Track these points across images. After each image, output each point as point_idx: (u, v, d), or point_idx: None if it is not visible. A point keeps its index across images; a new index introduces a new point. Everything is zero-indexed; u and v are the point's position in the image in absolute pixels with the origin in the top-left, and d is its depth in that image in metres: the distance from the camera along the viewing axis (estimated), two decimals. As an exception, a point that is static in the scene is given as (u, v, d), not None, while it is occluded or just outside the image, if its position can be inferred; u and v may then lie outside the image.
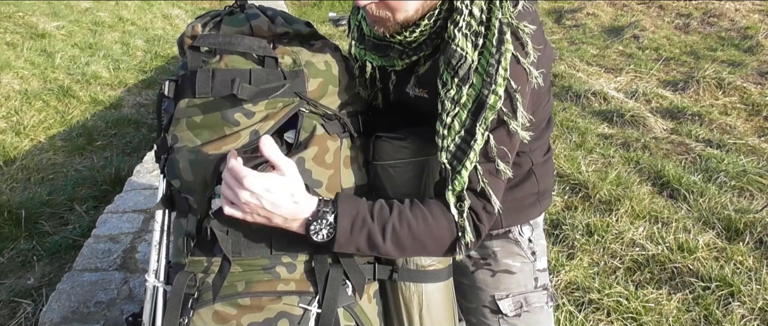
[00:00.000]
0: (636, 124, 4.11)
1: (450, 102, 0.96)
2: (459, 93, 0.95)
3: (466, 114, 0.95)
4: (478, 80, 0.94)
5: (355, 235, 0.94)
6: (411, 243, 0.97)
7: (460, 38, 0.94)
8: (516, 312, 1.23)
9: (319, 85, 1.04)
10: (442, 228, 0.97)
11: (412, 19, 0.97)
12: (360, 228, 0.94)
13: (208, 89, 0.99)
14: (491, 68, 0.93)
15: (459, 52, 0.94)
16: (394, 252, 0.98)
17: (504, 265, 1.24)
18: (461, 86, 0.95)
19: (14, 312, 2.38)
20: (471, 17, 0.94)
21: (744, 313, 2.17)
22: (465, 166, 0.95)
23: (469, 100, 0.95)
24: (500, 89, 0.93)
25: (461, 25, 0.94)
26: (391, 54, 1.05)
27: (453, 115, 0.96)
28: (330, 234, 0.93)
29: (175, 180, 1.02)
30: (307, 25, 1.11)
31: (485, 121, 0.94)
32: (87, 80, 5.46)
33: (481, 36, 0.94)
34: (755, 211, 2.78)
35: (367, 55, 1.10)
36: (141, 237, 2.75)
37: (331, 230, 0.93)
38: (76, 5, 7.79)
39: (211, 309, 0.95)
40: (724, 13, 6.83)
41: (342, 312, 0.98)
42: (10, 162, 3.79)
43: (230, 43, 1.02)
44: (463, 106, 0.95)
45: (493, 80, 0.93)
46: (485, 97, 0.93)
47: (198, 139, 1.01)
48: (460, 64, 0.94)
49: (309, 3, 11.71)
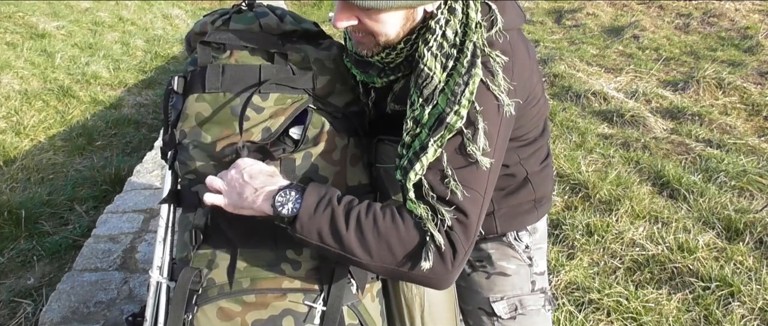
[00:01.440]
0: (636, 124, 4.11)
1: (412, 121, 0.95)
2: (421, 113, 0.93)
3: (426, 133, 0.93)
4: (443, 100, 0.92)
5: (318, 215, 0.90)
6: (375, 238, 0.89)
7: (428, 58, 0.93)
8: (510, 315, 1.22)
9: (327, 82, 1.05)
10: (410, 231, 0.90)
11: (393, 41, 0.97)
12: (324, 209, 0.90)
13: (218, 84, 1.00)
14: (457, 88, 0.91)
15: (426, 71, 0.93)
16: (358, 246, 0.89)
17: (499, 268, 1.23)
18: (424, 106, 0.93)
19: (14, 312, 2.38)
20: (443, 39, 0.94)
21: (744, 313, 2.17)
22: (409, 178, 0.91)
23: (431, 119, 0.93)
24: (463, 110, 0.90)
25: (432, 45, 0.94)
26: (370, 71, 1.05)
27: (414, 135, 0.94)
28: (293, 210, 0.90)
29: (190, 174, 1.03)
30: (314, 25, 1.12)
31: (441, 139, 0.91)
32: (87, 80, 5.46)
33: (452, 58, 0.93)
34: (755, 211, 2.78)
35: (353, 69, 1.10)
36: (141, 237, 2.75)
37: (295, 206, 0.90)
38: (76, 5, 7.79)
39: (215, 306, 0.96)
40: (724, 13, 6.83)
41: (346, 310, 0.98)
42: (10, 162, 3.79)
43: (241, 39, 1.02)
44: (424, 125, 0.93)
45: (457, 100, 0.91)
46: (446, 115, 0.91)
47: (209, 135, 1.01)
48: (425, 84, 0.93)
49: (309, 3, 11.71)
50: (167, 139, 1.06)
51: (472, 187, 0.92)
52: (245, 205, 0.93)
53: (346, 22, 0.94)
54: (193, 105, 1.02)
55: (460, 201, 0.91)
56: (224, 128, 1.00)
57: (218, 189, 0.95)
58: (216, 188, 0.96)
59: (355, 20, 0.93)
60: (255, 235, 0.99)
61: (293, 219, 0.90)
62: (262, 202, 0.91)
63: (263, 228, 0.99)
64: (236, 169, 0.94)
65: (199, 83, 1.01)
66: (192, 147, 1.02)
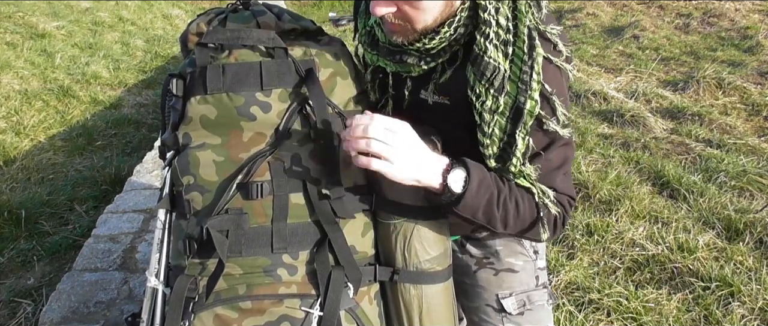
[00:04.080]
0: (636, 124, 4.11)
1: (488, 112, 0.98)
2: (496, 102, 0.97)
3: (505, 121, 0.98)
4: (513, 88, 0.96)
5: (479, 197, 0.97)
6: (514, 218, 1.01)
7: (491, 50, 0.95)
8: (519, 311, 1.23)
9: (329, 75, 1.04)
10: (536, 210, 1.02)
11: (431, 27, 0.96)
12: (485, 191, 0.97)
13: (220, 85, 0.98)
14: (525, 75, 0.95)
15: (493, 63, 0.95)
16: (501, 224, 1.01)
17: (507, 264, 1.24)
18: (497, 96, 0.96)
19: (14, 312, 2.38)
20: (498, 27, 0.95)
21: (744, 313, 2.17)
22: (509, 170, 1.00)
23: (507, 108, 0.97)
24: (536, 94, 0.95)
25: (491, 36, 0.94)
26: (407, 60, 1.04)
27: (493, 124, 0.98)
28: (462, 189, 0.95)
29: (188, 176, 1.00)
30: (312, 23, 1.11)
31: (524, 126, 0.97)
32: (87, 80, 5.46)
33: (509, 44, 0.96)
34: (755, 211, 2.77)
35: (381, 61, 1.08)
36: (141, 237, 2.75)
37: (464, 185, 0.96)
38: (76, 5, 7.79)
39: (212, 313, 0.95)
40: (724, 13, 6.82)
41: (344, 314, 0.97)
42: (10, 162, 3.79)
43: (239, 37, 1.01)
44: (501, 114, 0.98)
45: (528, 86, 0.95)
46: (522, 103, 0.96)
47: (218, 137, 1.00)
48: (494, 75, 0.96)
49: (309, 3, 11.71)
50: (170, 141, 1.04)
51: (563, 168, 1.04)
52: (411, 175, 0.93)
53: (385, 9, 0.94)
54: (195, 107, 1.00)
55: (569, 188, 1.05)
56: (230, 129, 0.99)
57: (376, 152, 0.89)
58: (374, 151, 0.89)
59: (393, 7, 0.94)
60: (251, 237, 0.97)
61: (460, 196, 0.95)
62: (433, 175, 0.95)
63: (259, 230, 0.97)
64: (393, 133, 0.90)
65: (200, 84, 0.99)
66: (197, 150, 1.00)
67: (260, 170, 0.98)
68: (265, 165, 0.99)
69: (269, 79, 0.99)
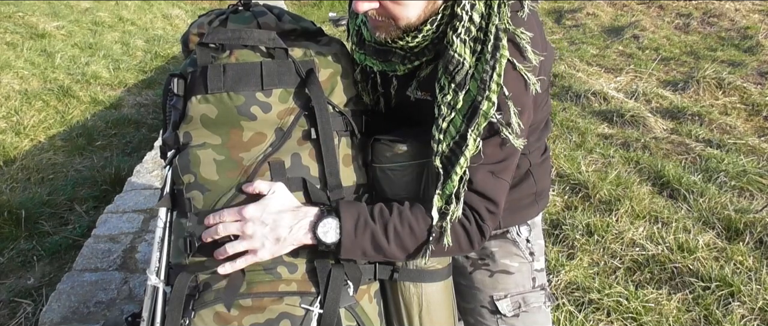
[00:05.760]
0: (636, 124, 4.11)
1: (446, 107, 0.96)
2: (455, 98, 0.95)
3: (461, 119, 0.96)
4: (474, 86, 0.94)
5: (359, 237, 0.95)
6: (414, 243, 0.98)
7: (458, 44, 0.94)
8: (514, 312, 1.23)
9: (329, 75, 1.05)
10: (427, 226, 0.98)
11: (414, 24, 0.96)
12: (363, 230, 0.95)
13: (220, 84, 0.99)
14: (485, 75, 0.93)
15: (457, 57, 0.94)
16: (399, 253, 0.99)
17: (502, 265, 1.24)
18: (458, 91, 0.95)
19: (14, 312, 2.38)
20: (471, 23, 0.94)
21: (744, 313, 2.17)
22: (455, 171, 0.95)
23: (465, 105, 0.95)
24: (493, 96, 0.93)
25: (460, 31, 0.94)
26: (392, 59, 1.04)
27: (449, 120, 0.96)
28: (336, 237, 0.95)
29: (188, 175, 1.01)
30: (312, 24, 1.12)
31: (477, 127, 0.94)
32: (87, 80, 5.46)
33: (479, 42, 0.94)
34: (755, 211, 2.78)
35: (368, 60, 1.09)
36: (141, 237, 2.75)
37: (336, 232, 0.95)
38: (76, 5, 7.80)
39: (212, 310, 0.95)
40: (724, 13, 6.83)
41: (344, 312, 0.98)
42: (10, 162, 3.79)
43: (240, 37, 1.01)
44: (459, 111, 0.96)
45: (486, 86, 0.93)
46: (479, 103, 0.94)
47: (218, 136, 1.00)
48: (457, 70, 0.94)
49: (309, 3, 11.71)
50: (170, 140, 1.05)
51: (502, 176, 0.99)
52: (285, 245, 0.95)
53: (367, 5, 0.94)
54: (196, 106, 1.00)
55: (491, 190, 0.98)
56: (231, 128, 1.00)
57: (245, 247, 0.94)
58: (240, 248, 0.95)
59: (376, 3, 0.93)
60: None
61: (338, 244, 0.95)
62: (303, 236, 0.95)
63: None
64: (253, 221, 0.93)
65: (201, 84, 1.00)
66: (198, 149, 1.01)
67: (261, 170, 0.99)
68: (265, 165, 0.99)
69: (270, 79, 1.00)
